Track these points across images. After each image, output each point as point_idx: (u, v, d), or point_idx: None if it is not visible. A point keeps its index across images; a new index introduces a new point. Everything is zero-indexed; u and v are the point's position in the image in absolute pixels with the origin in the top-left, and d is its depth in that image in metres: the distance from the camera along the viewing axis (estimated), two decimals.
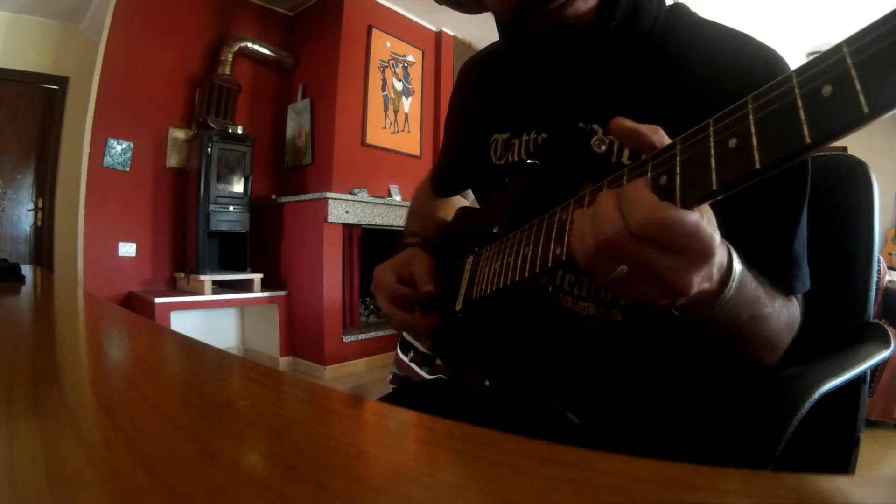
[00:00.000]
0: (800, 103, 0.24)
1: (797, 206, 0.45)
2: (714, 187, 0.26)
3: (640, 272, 0.30)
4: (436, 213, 0.75)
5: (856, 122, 0.22)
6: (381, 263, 0.63)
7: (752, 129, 0.25)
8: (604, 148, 0.50)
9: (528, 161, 0.55)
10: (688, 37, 0.51)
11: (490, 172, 0.62)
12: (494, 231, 0.54)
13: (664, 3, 0.54)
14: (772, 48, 0.47)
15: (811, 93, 0.23)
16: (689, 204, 0.28)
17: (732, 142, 0.26)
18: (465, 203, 0.79)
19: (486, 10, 0.56)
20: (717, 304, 0.34)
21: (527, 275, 0.42)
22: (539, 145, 0.56)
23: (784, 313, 0.42)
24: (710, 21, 0.52)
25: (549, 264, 0.38)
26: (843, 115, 0.22)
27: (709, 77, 0.46)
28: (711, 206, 0.30)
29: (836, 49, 0.23)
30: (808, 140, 0.23)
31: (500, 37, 0.60)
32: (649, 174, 0.30)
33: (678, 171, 0.28)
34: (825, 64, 0.23)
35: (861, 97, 0.21)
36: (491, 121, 0.63)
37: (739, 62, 0.46)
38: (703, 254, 0.29)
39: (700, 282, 0.31)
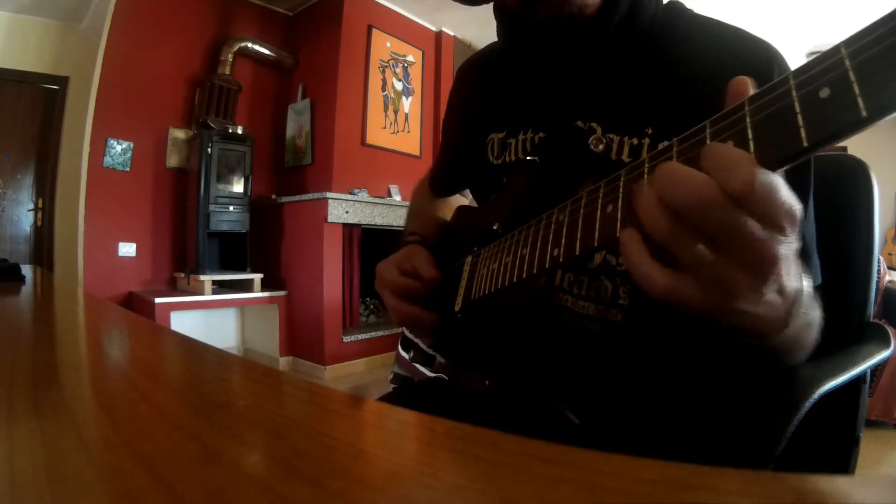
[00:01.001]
0: (797, 106, 0.23)
1: (802, 201, 0.44)
2: None
3: (730, 246, 0.26)
4: (434, 212, 0.75)
5: (854, 125, 0.22)
6: (383, 261, 0.63)
7: (749, 132, 0.25)
8: (601, 147, 0.51)
9: (528, 158, 0.54)
10: (686, 34, 0.51)
11: (488, 172, 0.62)
12: (493, 230, 0.54)
13: (661, 0, 0.54)
14: (768, 42, 0.47)
15: (809, 95, 0.23)
16: None
17: (729, 144, 0.26)
18: (465, 202, 0.79)
19: (489, 2, 0.55)
20: (790, 314, 0.31)
21: (524, 276, 0.42)
22: (536, 144, 0.56)
23: (819, 314, 0.39)
24: (707, 17, 0.52)
25: (547, 266, 0.38)
26: (840, 118, 0.22)
27: (708, 75, 0.46)
28: None
29: (835, 50, 0.23)
30: (805, 143, 0.23)
31: (498, 34, 0.60)
32: (646, 175, 0.30)
33: None
34: (823, 65, 0.23)
35: (859, 100, 0.21)
36: (488, 120, 0.63)
37: (738, 58, 0.46)
38: (792, 221, 0.26)
39: (788, 259, 0.27)
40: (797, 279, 0.30)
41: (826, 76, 0.23)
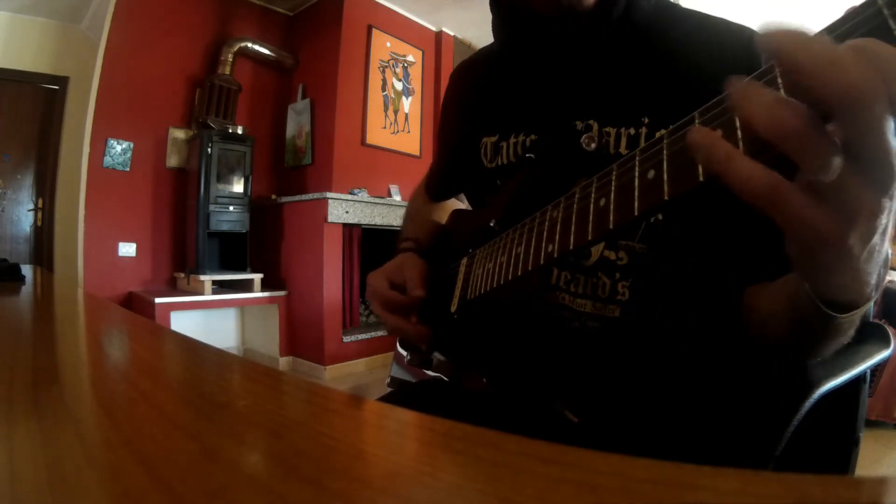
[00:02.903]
0: (783, 92, 0.23)
1: None
2: (700, 178, 0.26)
3: (867, 157, 0.21)
4: (431, 216, 0.75)
5: None
6: (374, 271, 0.63)
7: (737, 121, 0.25)
8: (593, 146, 0.51)
9: (527, 155, 0.54)
10: (676, 27, 0.51)
11: (482, 176, 0.62)
12: (488, 232, 0.54)
13: None
14: (754, 29, 0.48)
15: None
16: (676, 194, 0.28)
17: (717, 133, 0.26)
18: (461, 205, 0.79)
19: None
20: (879, 280, 0.28)
21: (519, 273, 0.42)
22: (528, 147, 0.56)
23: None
24: (693, 10, 0.53)
25: (542, 262, 0.38)
26: None
27: (701, 64, 0.47)
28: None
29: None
30: None
31: (493, 31, 0.60)
32: (637, 168, 0.30)
33: (665, 165, 0.28)
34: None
35: None
36: (480, 124, 0.63)
37: (729, 45, 0.47)
38: None
39: None
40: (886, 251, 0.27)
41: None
